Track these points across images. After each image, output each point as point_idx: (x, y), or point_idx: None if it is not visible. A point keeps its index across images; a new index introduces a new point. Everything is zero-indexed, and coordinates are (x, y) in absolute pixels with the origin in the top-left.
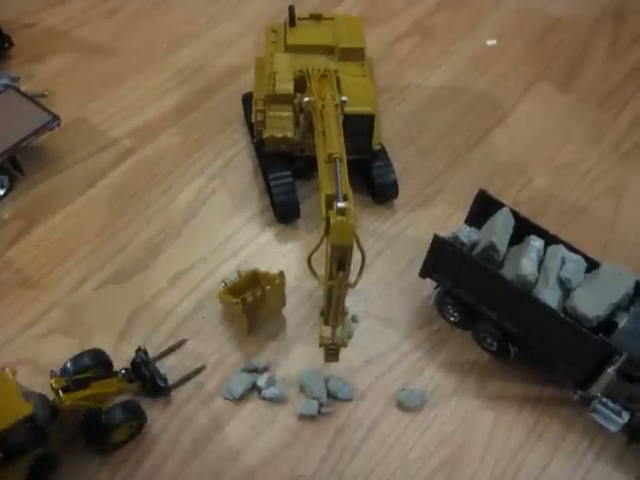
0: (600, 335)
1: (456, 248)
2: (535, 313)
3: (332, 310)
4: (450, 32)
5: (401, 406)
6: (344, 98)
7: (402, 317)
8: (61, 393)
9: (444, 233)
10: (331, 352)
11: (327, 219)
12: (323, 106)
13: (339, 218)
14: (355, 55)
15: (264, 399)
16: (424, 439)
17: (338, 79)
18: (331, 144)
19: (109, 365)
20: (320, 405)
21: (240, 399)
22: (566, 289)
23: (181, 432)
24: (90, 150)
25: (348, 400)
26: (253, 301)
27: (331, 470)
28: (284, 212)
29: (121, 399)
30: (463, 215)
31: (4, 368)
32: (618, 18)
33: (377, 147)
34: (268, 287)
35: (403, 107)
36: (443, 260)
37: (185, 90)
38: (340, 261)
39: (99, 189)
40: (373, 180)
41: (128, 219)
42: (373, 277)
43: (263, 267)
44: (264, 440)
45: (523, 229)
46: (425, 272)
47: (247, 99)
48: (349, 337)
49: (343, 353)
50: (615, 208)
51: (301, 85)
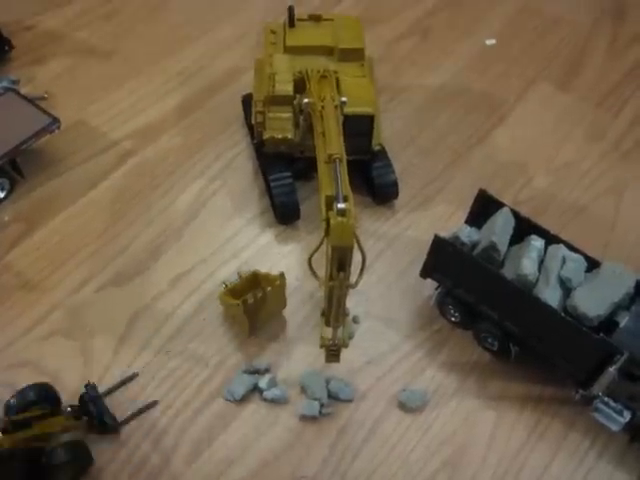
0: (601, 334)
1: (457, 248)
2: (536, 313)
3: (333, 311)
4: (449, 32)
5: (402, 406)
6: (344, 99)
7: (403, 317)
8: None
9: (444, 233)
10: (332, 353)
11: (327, 220)
12: (323, 107)
13: (339, 219)
14: (355, 56)
15: (265, 400)
16: (426, 439)
17: (338, 80)
18: (331, 145)
19: (56, 400)
20: (321, 406)
21: (241, 400)
22: (567, 288)
23: (183, 433)
24: (90, 152)
25: (349, 401)
26: (254, 302)
27: (333, 471)
28: (284, 213)
29: (69, 436)
30: (463, 215)
31: None
32: (617, 17)
33: (377, 147)
34: (269, 288)
35: (403, 107)
36: (444, 260)
37: (185, 91)
38: (340, 262)
39: (100, 191)
40: (373, 180)
41: (129, 221)
42: (374, 278)
43: (264, 268)
44: (266, 441)
45: (523, 229)
46: (426, 272)
47: (247, 100)
48: (350, 338)
49: (344, 354)
50: (615, 207)
51: (301, 86)
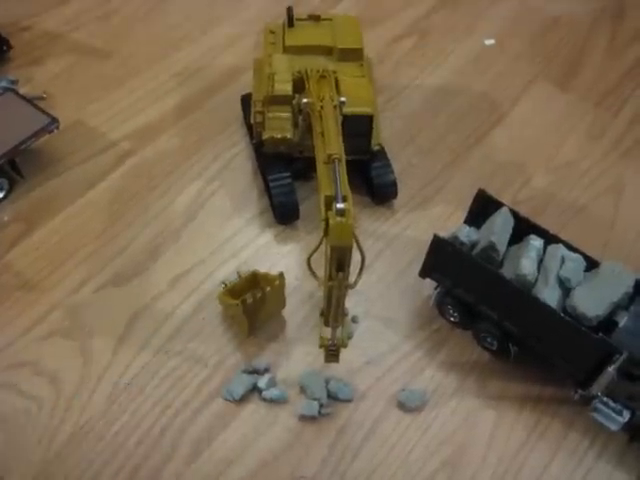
0: (600, 334)
1: (456, 248)
2: (535, 313)
3: (332, 311)
4: (448, 32)
5: (402, 406)
6: (343, 99)
7: (402, 317)
8: None
9: (444, 233)
10: (331, 353)
11: (326, 220)
12: (322, 107)
13: (338, 219)
14: (354, 55)
15: (265, 400)
16: (425, 439)
17: (337, 80)
18: (330, 145)
19: None
20: (321, 406)
21: (241, 400)
22: (566, 288)
23: (182, 433)
24: (89, 152)
25: (349, 401)
26: (253, 302)
27: (332, 471)
28: (283, 213)
29: None
30: (462, 215)
31: None
32: (617, 16)
33: (376, 147)
34: (268, 288)
35: (402, 107)
36: (443, 260)
37: (184, 92)
38: (339, 262)
39: (99, 191)
40: (372, 180)
41: (127, 221)
42: (373, 278)
43: (263, 268)
44: (265, 441)
45: (522, 229)
46: (425, 272)
47: (246, 100)
48: (349, 338)
49: (343, 354)
50: (615, 206)
51: (300, 86)
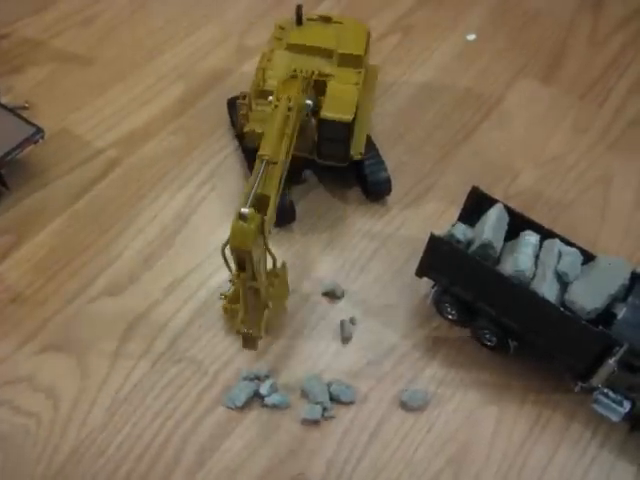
0: (600, 327)
1: (453, 246)
2: (534, 308)
3: (241, 304)
4: (430, 29)
5: (404, 406)
6: (309, 101)
7: (400, 317)
8: None
9: (439, 231)
10: (247, 339)
11: (238, 214)
12: (277, 106)
13: (240, 223)
14: (353, 62)
15: (267, 406)
16: (429, 438)
17: (324, 83)
18: (265, 146)
19: None
20: (323, 409)
21: (243, 407)
22: (563, 283)
23: (185, 444)
24: (75, 162)
25: (351, 403)
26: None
27: (338, 474)
28: (279, 215)
29: None
30: (455, 211)
31: None
32: (597, 6)
33: (357, 157)
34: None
35: (389, 105)
36: (440, 259)
37: (170, 96)
38: (239, 263)
39: (87, 201)
40: (366, 177)
41: (118, 230)
42: (370, 278)
43: None
44: (269, 447)
45: (517, 224)
46: (422, 271)
47: (233, 103)
48: (348, 339)
49: (344, 355)
50: (605, 197)
51: None
